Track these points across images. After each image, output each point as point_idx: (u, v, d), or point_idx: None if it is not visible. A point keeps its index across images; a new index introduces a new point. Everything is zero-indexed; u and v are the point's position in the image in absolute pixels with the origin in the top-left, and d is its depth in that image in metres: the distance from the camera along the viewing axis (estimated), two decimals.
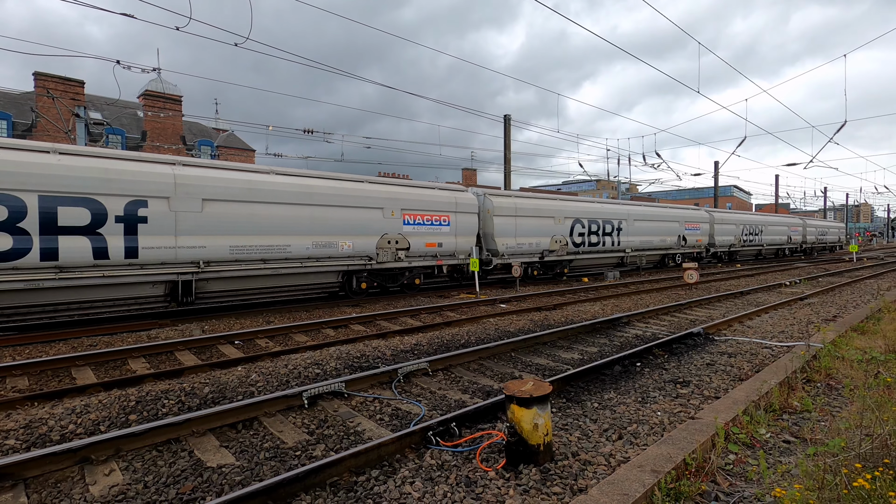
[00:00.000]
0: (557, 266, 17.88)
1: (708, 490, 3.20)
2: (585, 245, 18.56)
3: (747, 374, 5.91)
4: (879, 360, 5.95)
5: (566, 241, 17.63)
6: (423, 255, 13.54)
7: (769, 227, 32.08)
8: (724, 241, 27.45)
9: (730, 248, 27.99)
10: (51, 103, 24.86)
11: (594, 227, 18.98)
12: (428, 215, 13.58)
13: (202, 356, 7.21)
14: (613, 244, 19.98)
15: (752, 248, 30.21)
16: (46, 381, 6.04)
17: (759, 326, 9.05)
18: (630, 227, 20.64)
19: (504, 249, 15.55)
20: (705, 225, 25.76)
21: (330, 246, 11.62)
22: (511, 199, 16.07)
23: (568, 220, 17.74)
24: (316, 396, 4.99)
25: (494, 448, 3.84)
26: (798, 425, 4.29)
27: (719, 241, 26.96)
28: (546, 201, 17.41)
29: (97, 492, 3.33)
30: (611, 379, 5.78)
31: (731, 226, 28.09)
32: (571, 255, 18.00)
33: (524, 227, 16.13)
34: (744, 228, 29.02)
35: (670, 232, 23.19)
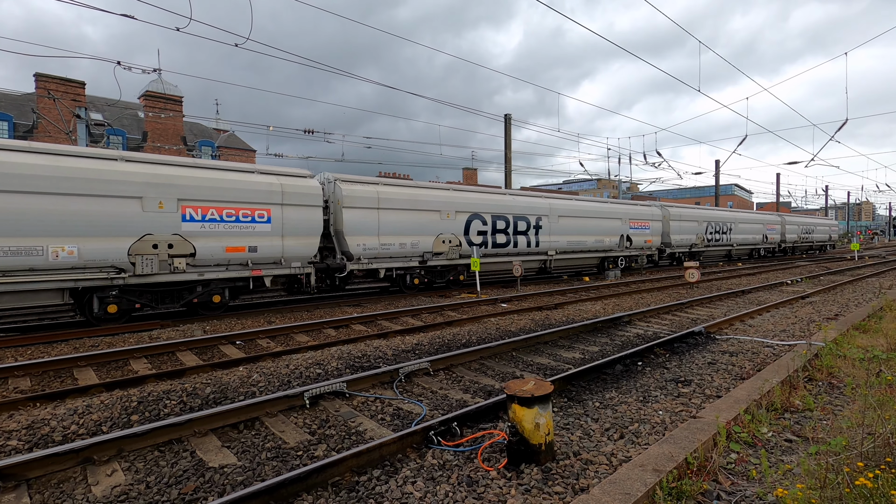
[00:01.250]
0: (450, 272, 14.46)
1: (710, 489, 3.20)
2: (488, 246, 15.23)
3: (749, 373, 5.91)
4: (881, 358, 5.94)
5: (459, 241, 14.23)
6: (225, 263, 10.06)
7: (740, 225, 28.89)
8: (683, 240, 24.25)
9: (690, 248, 24.79)
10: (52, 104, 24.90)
11: (501, 225, 15.56)
12: (230, 209, 10.04)
13: (204, 356, 7.22)
14: (530, 245, 16.48)
15: (718, 248, 27.21)
16: (49, 381, 6.06)
17: (760, 325, 9.04)
18: (553, 225, 17.26)
19: (361, 251, 12.22)
20: (656, 223, 22.23)
21: (29, 253, 7.98)
22: (372, 187, 12.67)
23: (461, 216, 14.39)
24: (317, 396, 5.00)
25: (496, 448, 3.84)
26: (800, 424, 4.28)
27: (677, 241, 23.70)
28: (427, 191, 13.98)
29: (99, 492, 3.33)
30: (612, 378, 5.77)
31: (691, 223, 24.76)
32: (468, 259, 14.49)
33: (393, 223, 12.81)
34: (708, 226, 25.93)
35: (610, 231, 19.70)
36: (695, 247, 25.10)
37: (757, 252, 31.30)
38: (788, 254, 35.41)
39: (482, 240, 15.08)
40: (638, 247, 21.15)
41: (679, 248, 24.21)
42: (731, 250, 28.53)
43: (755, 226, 30.59)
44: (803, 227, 36.66)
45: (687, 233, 24.54)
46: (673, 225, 23.58)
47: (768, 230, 31.91)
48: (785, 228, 33.88)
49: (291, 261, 11.04)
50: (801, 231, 36.16)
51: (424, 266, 13.67)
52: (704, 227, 25.70)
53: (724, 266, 24.92)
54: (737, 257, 30.31)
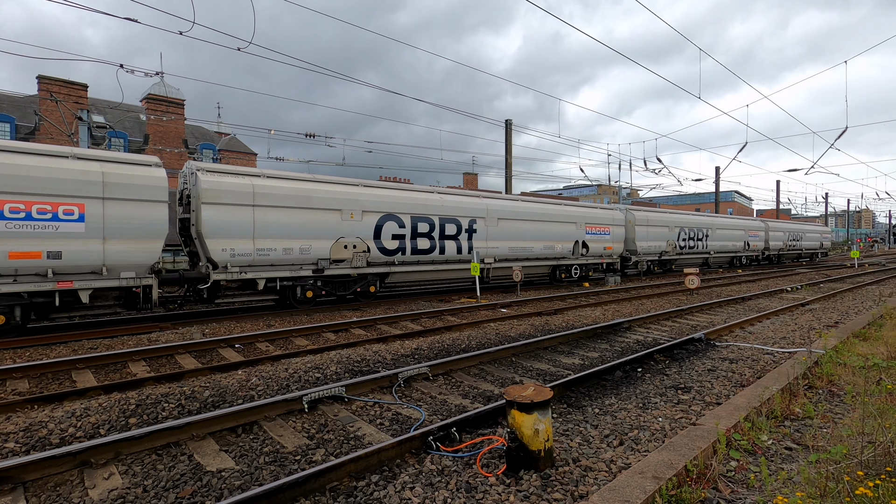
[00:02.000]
0: (356, 283, 12.33)
1: (709, 497, 3.18)
2: (406, 252, 13.12)
3: (749, 380, 5.89)
4: (881, 366, 5.93)
5: (367, 246, 12.24)
6: (10, 273, 7.98)
7: (718, 231, 26.80)
8: (652, 247, 21.97)
9: (661, 256, 22.59)
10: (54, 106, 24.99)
11: (423, 228, 13.49)
12: (17, 202, 7.92)
13: (202, 359, 7.20)
14: (461, 251, 14.39)
15: (693, 256, 25.14)
16: (47, 383, 6.04)
17: (760, 332, 9.03)
18: (491, 229, 15.22)
19: (229, 258, 10.07)
20: (618, 228, 20.22)
21: None
22: (246, 179, 10.53)
23: (370, 216, 12.35)
24: (316, 401, 4.98)
25: (495, 453, 3.83)
26: (800, 432, 4.27)
27: (644, 248, 21.50)
28: (323, 186, 11.81)
29: (96, 495, 3.32)
30: (612, 384, 5.76)
31: (660, 228, 22.47)
32: (381, 267, 12.57)
33: (274, 223, 10.79)
34: (681, 232, 23.76)
35: (562, 236, 17.66)
36: (665, 254, 22.94)
37: (738, 260, 29.28)
38: (774, 262, 33.41)
39: (398, 245, 12.94)
40: (596, 254, 19.15)
41: (647, 256, 21.90)
42: (707, 258, 26.49)
43: (735, 232, 28.50)
44: (790, 234, 34.59)
45: (656, 239, 22.28)
46: (639, 230, 21.30)
47: (750, 237, 29.82)
48: (769, 235, 31.90)
49: (121, 270, 8.86)
50: (787, 238, 34.17)
51: (321, 276, 11.55)
52: (676, 234, 23.61)
53: (723, 273, 24.89)
54: (714, 266, 28.13)
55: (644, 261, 21.94)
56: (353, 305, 12.33)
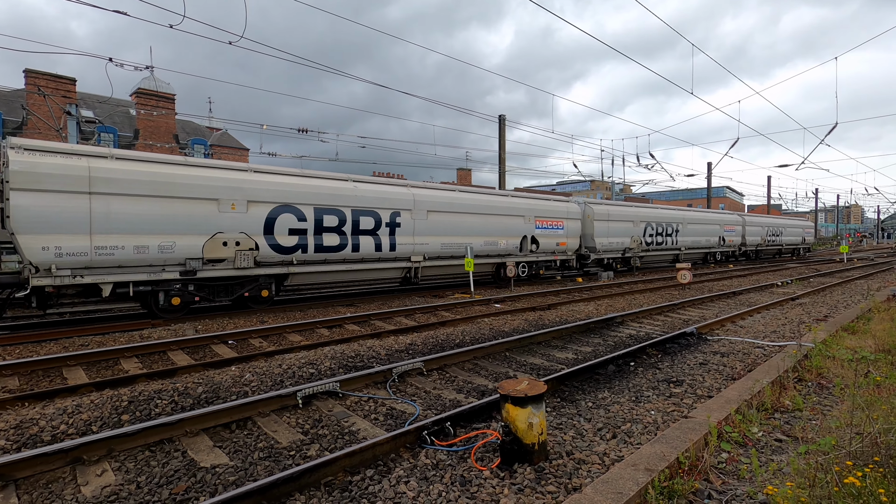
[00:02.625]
0: (244, 286, 10.40)
1: (701, 488, 3.22)
2: (309, 250, 11.22)
3: (740, 374, 5.96)
4: (869, 359, 6.01)
5: (254, 242, 10.34)
6: None
7: (690, 226, 25.08)
8: (613, 244, 20.18)
9: (624, 253, 20.77)
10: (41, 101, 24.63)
11: (331, 221, 11.60)
12: None
13: (195, 356, 7.17)
14: (381, 249, 12.51)
15: (661, 252, 23.36)
16: (37, 381, 5.99)
17: (751, 326, 9.12)
18: (420, 223, 13.32)
19: (54, 258, 8.20)
20: (573, 222, 18.45)
21: None
22: (81, 160, 8.55)
23: (259, 207, 10.37)
24: (310, 396, 4.98)
25: (489, 447, 3.85)
26: (790, 424, 4.33)
27: (605, 245, 19.67)
28: (194, 171, 9.77)
29: (89, 492, 3.30)
30: (605, 378, 5.80)
31: (623, 223, 20.69)
32: (276, 268, 10.70)
33: (124, 215, 8.82)
34: (647, 227, 22.05)
35: (507, 231, 15.86)
36: (629, 251, 21.07)
37: (712, 256, 27.61)
38: (752, 258, 31.92)
39: (298, 242, 11.05)
40: (548, 251, 17.37)
41: (608, 254, 20.09)
42: (678, 255, 24.60)
43: (709, 227, 26.89)
44: (769, 229, 32.92)
45: (618, 235, 20.46)
46: (598, 226, 19.45)
47: (726, 231, 28.29)
48: (746, 230, 30.29)
49: None
50: (766, 233, 32.45)
51: (192, 279, 9.64)
52: (642, 229, 21.77)
53: (715, 268, 25.09)
54: (687, 261, 26.09)
55: (605, 258, 20.16)
56: (348, 301, 12.29)
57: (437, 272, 14.42)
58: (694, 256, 26.53)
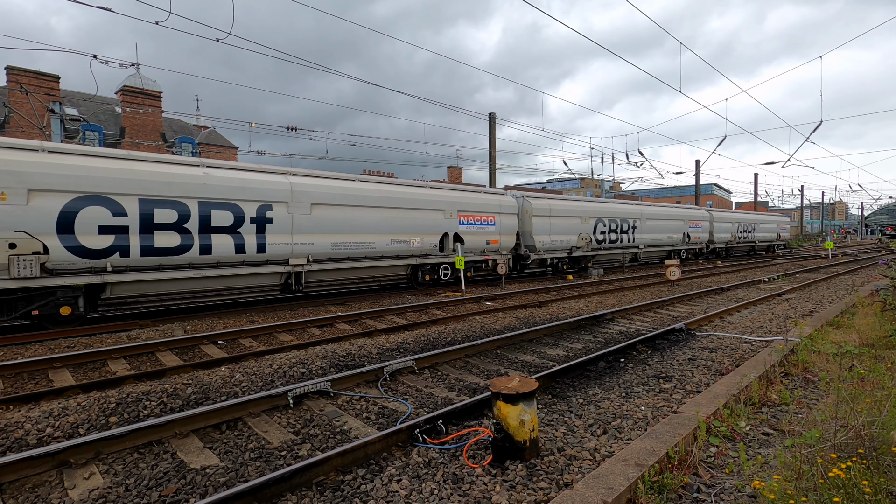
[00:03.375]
0: (31, 302, 8.22)
1: (690, 482, 3.26)
2: (132, 252, 9.02)
3: (728, 369, 6.03)
4: (854, 353, 6.12)
5: (41, 244, 8.12)
6: None
7: (649, 222, 22.95)
8: (557, 242, 18.08)
9: (570, 252, 18.61)
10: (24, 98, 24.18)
11: (167, 217, 9.37)
12: None
13: (184, 356, 7.10)
14: (244, 250, 10.31)
15: (616, 251, 21.21)
16: (22, 383, 5.89)
17: (739, 322, 9.24)
18: (301, 219, 11.09)
19: None
20: (507, 217, 16.41)
21: None
22: None
23: (49, 199, 8.16)
24: (301, 396, 4.95)
25: (481, 445, 3.86)
26: (776, 418, 4.39)
27: (546, 244, 17.63)
28: None
29: (76, 496, 3.26)
30: (595, 375, 5.84)
31: (569, 219, 18.64)
32: (81, 277, 8.46)
33: None
34: (598, 224, 20.07)
35: (424, 228, 13.76)
36: (578, 250, 18.96)
37: (676, 255, 25.49)
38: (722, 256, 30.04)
39: (114, 243, 8.79)
40: (476, 249, 15.46)
41: (552, 253, 18.03)
42: (637, 253, 22.50)
43: (672, 223, 24.75)
44: (741, 225, 30.95)
45: (563, 232, 18.43)
46: (538, 222, 17.40)
47: (691, 228, 26.25)
48: (714, 226, 28.37)
49: None
50: (737, 229, 30.48)
51: None
52: (592, 225, 19.81)
53: (703, 264, 25.35)
54: (644, 262, 24.55)
55: (549, 258, 18.18)
56: (339, 300, 12.23)
57: (333, 276, 12.24)
58: (656, 254, 24.31)
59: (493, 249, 16.16)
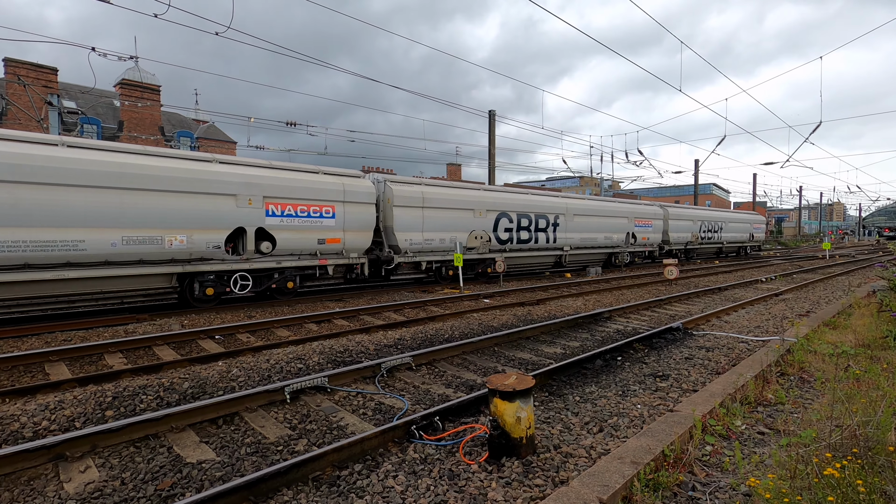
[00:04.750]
0: None
1: (685, 480, 3.27)
2: None
3: (724, 368, 6.05)
4: (850, 353, 6.14)
5: None
6: None
7: (577, 219, 18.92)
8: (431, 242, 14.05)
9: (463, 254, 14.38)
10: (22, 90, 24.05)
11: None
12: None
13: (181, 351, 7.09)
14: None
15: (531, 254, 17.35)
16: (18, 376, 5.88)
17: (735, 321, 9.26)
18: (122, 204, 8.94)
19: None
20: (357, 208, 12.24)
21: None
22: None
23: None
24: (298, 391, 4.96)
25: (477, 441, 3.86)
26: (772, 417, 4.41)
27: (413, 243, 13.64)
28: None
29: (72, 489, 3.25)
30: (592, 373, 5.85)
31: (456, 213, 14.72)
32: None
33: None
34: (503, 219, 16.16)
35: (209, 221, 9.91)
36: (472, 251, 15.10)
37: (617, 258, 21.32)
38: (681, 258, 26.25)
39: None
40: (301, 250, 11.35)
41: (429, 255, 14.05)
42: (561, 257, 18.44)
43: (611, 220, 20.60)
44: (704, 224, 27.14)
45: (444, 229, 14.40)
46: (402, 215, 13.32)
47: (638, 227, 22.05)
48: (669, 224, 24.57)
49: None
50: (699, 229, 26.80)
51: None
52: (492, 221, 15.59)
53: (701, 264, 25.38)
54: (575, 266, 20.43)
55: (423, 262, 14.02)
56: (336, 296, 12.23)
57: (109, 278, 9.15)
58: (589, 258, 20.09)
59: (332, 251, 12.10)
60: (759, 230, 34.06)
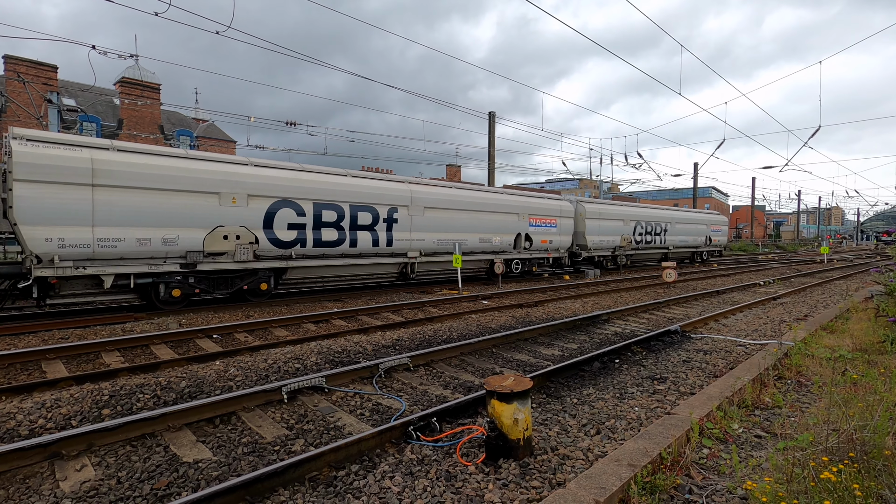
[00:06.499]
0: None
1: (682, 483, 3.27)
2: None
3: (722, 371, 6.05)
4: (847, 357, 6.15)
5: None
6: None
7: (432, 214, 14.08)
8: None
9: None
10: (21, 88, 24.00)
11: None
12: None
13: (179, 350, 7.08)
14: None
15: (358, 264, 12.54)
16: (15, 374, 5.86)
17: (733, 325, 9.27)
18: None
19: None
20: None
21: None
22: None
23: None
24: (296, 391, 4.95)
25: (475, 443, 3.86)
26: (769, 420, 4.41)
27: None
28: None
29: (68, 487, 3.24)
30: (590, 375, 5.86)
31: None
32: None
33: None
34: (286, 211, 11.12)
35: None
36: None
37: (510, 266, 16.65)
38: (606, 268, 21.34)
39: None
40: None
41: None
42: (408, 265, 13.67)
43: (492, 217, 15.92)
44: (640, 225, 22.43)
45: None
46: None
47: (535, 226, 17.34)
48: (587, 225, 19.50)
49: None
50: (633, 231, 21.94)
51: None
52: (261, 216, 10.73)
53: (699, 267, 25.38)
54: (427, 279, 15.43)
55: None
56: (335, 296, 12.21)
57: None
58: (441, 269, 14.84)
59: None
60: (718, 232, 29.05)
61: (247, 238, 10.73)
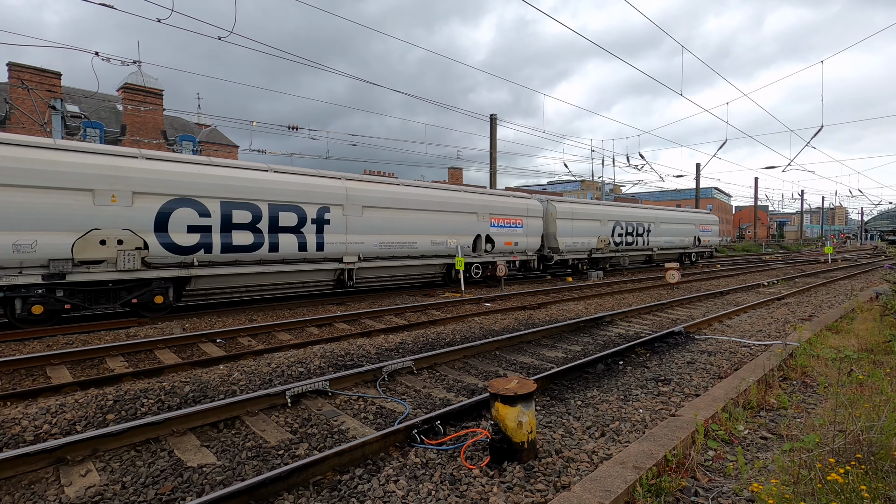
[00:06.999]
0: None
1: (688, 486, 3.25)
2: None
3: (727, 373, 6.03)
4: (852, 358, 6.12)
5: None
6: None
7: (371, 214, 12.48)
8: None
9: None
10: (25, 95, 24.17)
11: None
12: None
13: (183, 354, 7.09)
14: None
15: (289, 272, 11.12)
16: (20, 380, 5.88)
17: (738, 325, 9.24)
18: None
19: None
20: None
21: None
22: None
23: None
24: (299, 395, 4.95)
25: (479, 446, 3.85)
26: (775, 422, 4.39)
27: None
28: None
29: (73, 493, 3.25)
30: (594, 377, 5.84)
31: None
32: None
33: None
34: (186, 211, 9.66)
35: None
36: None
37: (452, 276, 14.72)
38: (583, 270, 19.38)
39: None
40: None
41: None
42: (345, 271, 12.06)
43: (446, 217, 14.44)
44: (619, 225, 20.81)
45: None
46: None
47: (497, 227, 15.87)
48: (557, 226, 17.84)
49: None
50: (612, 231, 20.32)
51: None
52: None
53: (703, 268, 25.30)
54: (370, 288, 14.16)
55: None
56: (337, 299, 12.22)
57: None
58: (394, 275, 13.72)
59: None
60: (708, 232, 27.24)
61: (132, 243, 9.04)
